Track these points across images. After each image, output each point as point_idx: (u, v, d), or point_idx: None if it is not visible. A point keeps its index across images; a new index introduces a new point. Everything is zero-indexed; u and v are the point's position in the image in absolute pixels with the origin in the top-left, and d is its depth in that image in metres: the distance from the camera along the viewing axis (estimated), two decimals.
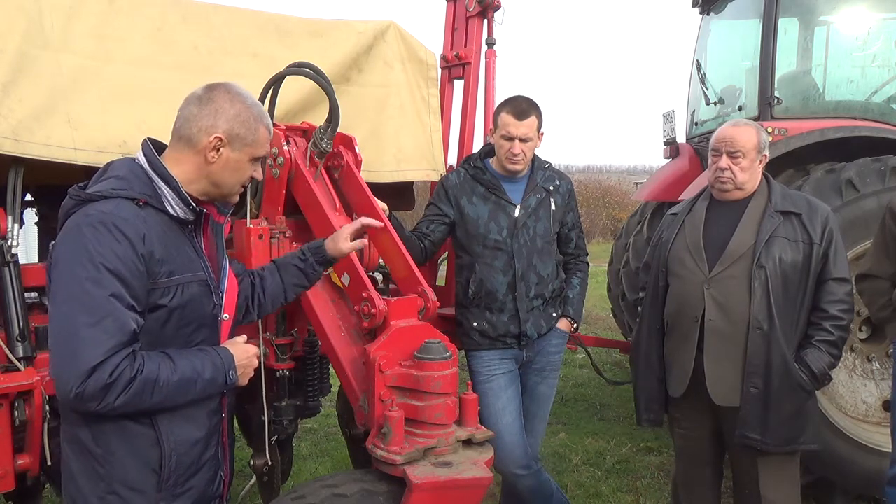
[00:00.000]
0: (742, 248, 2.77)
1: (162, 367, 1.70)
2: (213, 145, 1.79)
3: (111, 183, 1.74)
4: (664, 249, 2.97)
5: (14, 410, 2.25)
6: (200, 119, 1.80)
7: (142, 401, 1.67)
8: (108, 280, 1.62)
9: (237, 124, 1.81)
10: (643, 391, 3.03)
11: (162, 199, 1.77)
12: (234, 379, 1.87)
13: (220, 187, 1.86)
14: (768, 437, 2.70)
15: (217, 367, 1.82)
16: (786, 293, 2.72)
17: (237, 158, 1.84)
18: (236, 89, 1.86)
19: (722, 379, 2.77)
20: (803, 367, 2.70)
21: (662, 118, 5.77)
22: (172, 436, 1.78)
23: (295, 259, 2.25)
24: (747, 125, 2.88)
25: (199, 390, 1.79)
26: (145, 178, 1.77)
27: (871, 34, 4.58)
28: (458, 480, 2.10)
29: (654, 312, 2.99)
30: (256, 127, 1.85)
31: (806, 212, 2.78)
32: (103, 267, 1.62)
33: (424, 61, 3.49)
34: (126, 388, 1.63)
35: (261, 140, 1.87)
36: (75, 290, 1.62)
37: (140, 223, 1.69)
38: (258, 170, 1.93)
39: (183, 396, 1.76)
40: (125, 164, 1.80)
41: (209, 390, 1.82)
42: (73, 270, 1.63)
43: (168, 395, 1.72)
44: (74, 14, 2.49)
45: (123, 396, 1.63)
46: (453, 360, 2.24)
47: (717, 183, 2.87)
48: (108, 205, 1.68)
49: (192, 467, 1.84)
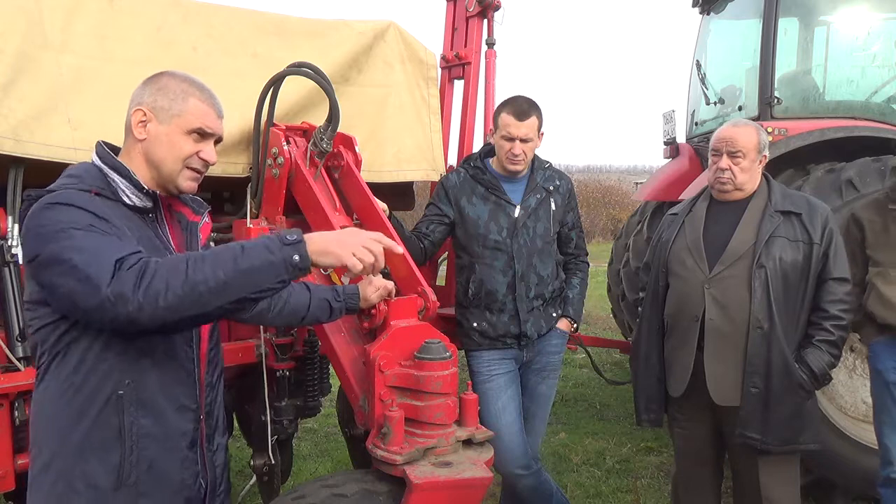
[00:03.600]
0: (742, 248, 2.77)
1: (193, 252, 1.60)
2: (138, 120, 1.75)
3: (62, 181, 1.70)
4: (664, 249, 2.98)
5: (14, 410, 2.25)
6: (132, 101, 1.78)
7: (177, 283, 1.50)
8: (80, 234, 1.54)
9: (160, 96, 1.75)
10: (643, 391, 3.03)
11: (116, 190, 1.72)
12: (296, 239, 1.62)
13: (159, 167, 1.76)
14: (768, 437, 2.70)
15: (267, 236, 1.65)
16: (786, 293, 2.72)
17: (167, 132, 1.74)
18: (176, 71, 1.81)
19: (722, 378, 2.77)
20: (803, 367, 2.70)
21: (662, 118, 5.77)
22: (136, 428, 1.68)
23: (328, 293, 2.12)
24: (747, 125, 2.88)
25: (251, 258, 1.56)
26: (97, 174, 1.72)
27: (871, 34, 4.58)
28: (458, 480, 2.10)
29: (654, 312, 2.99)
30: (185, 98, 1.76)
31: (806, 212, 2.78)
32: (71, 229, 1.54)
33: (424, 61, 3.49)
34: (155, 271, 1.49)
35: (192, 110, 1.76)
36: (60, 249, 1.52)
37: (93, 204, 1.62)
38: (205, 150, 1.79)
39: (225, 267, 1.54)
40: (79, 166, 1.76)
41: (264, 255, 1.58)
42: (45, 248, 1.54)
43: (209, 269, 1.52)
44: (74, 14, 2.49)
45: (156, 282, 1.48)
46: (453, 360, 2.24)
47: (716, 183, 2.87)
48: (55, 193, 1.64)
49: (159, 468, 1.72)
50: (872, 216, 3.17)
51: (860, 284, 3.10)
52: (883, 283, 3.09)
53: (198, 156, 1.79)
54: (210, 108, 1.80)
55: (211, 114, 1.80)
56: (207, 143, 1.81)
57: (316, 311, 2.04)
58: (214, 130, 1.81)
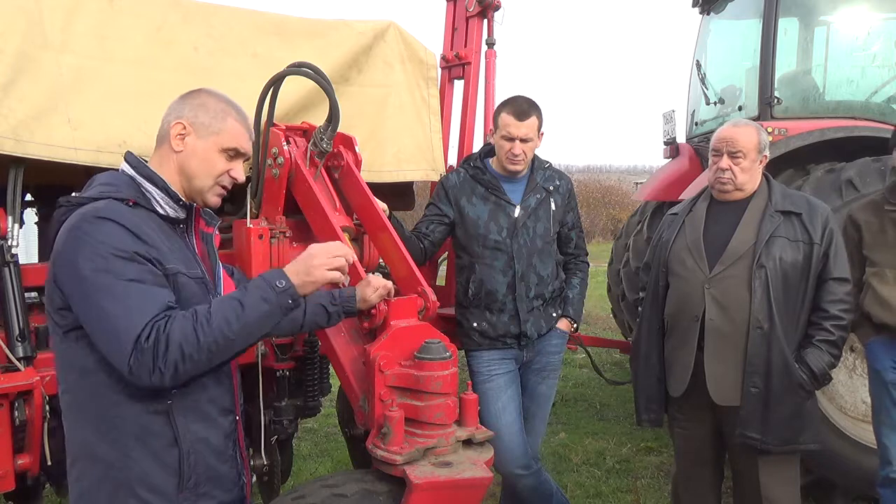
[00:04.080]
0: (742, 248, 2.77)
1: (198, 309, 1.68)
2: (177, 132, 1.81)
3: (99, 188, 1.76)
4: (664, 249, 2.97)
5: (14, 410, 2.25)
6: (170, 113, 1.84)
7: (191, 350, 1.63)
8: (120, 265, 1.63)
9: (201, 112, 1.82)
10: (643, 391, 3.03)
11: (151, 200, 1.79)
12: (286, 285, 1.77)
13: (191, 179, 1.84)
14: (769, 437, 2.70)
15: (258, 284, 1.77)
16: (786, 293, 2.72)
17: (204, 147, 1.82)
18: (213, 90, 1.88)
19: (722, 378, 2.77)
20: (803, 367, 2.70)
21: (662, 118, 5.77)
22: (189, 434, 1.76)
23: (324, 298, 2.14)
24: (748, 125, 2.88)
25: (251, 313, 1.71)
26: (132, 184, 1.79)
27: (871, 34, 4.58)
28: (458, 480, 2.10)
29: (654, 312, 2.99)
30: (224, 117, 1.84)
31: (806, 212, 2.78)
32: (111, 255, 1.63)
33: (424, 61, 3.49)
34: (167, 343, 1.60)
35: (229, 130, 1.84)
36: (93, 284, 1.62)
37: (134, 218, 1.70)
38: (235, 168, 1.88)
39: (230, 327, 1.68)
40: (110, 174, 1.83)
41: (262, 308, 1.73)
42: (83, 267, 1.63)
43: (216, 331, 1.65)
44: (74, 14, 2.48)
45: (172, 353, 1.60)
46: (453, 360, 2.24)
47: (717, 183, 2.87)
48: (100, 204, 1.70)
49: (212, 468, 1.82)
50: (869, 217, 3.18)
51: (857, 285, 3.09)
52: (879, 283, 3.10)
53: (228, 174, 1.88)
54: (245, 130, 1.89)
55: (245, 135, 1.90)
56: (238, 163, 1.89)
57: (313, 318, 2.07)
58: (246, 151, 1.91)
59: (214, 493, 1.83)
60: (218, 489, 1.84)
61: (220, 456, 1.85)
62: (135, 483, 1.72)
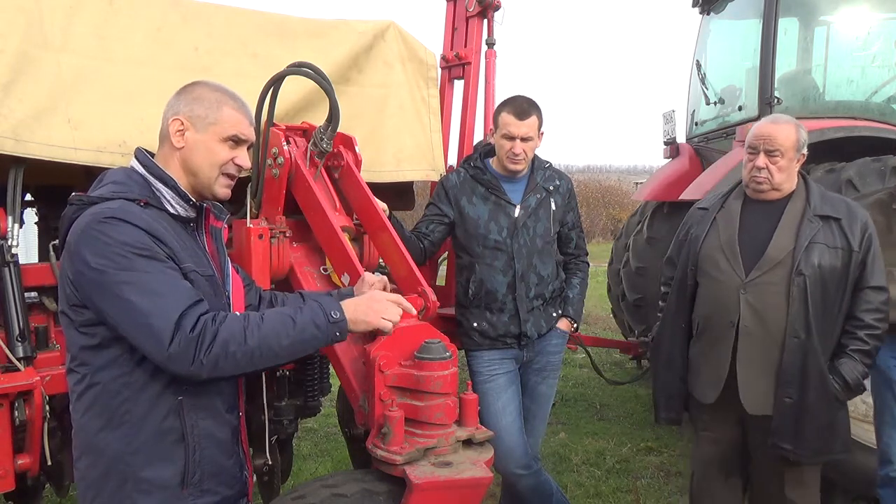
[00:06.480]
0: (781, 254, 2.67)
1: (250, 314, 1.73)
2: (176, 129, 1.82)
3: (110, 188, 1.76)
4: (694, 246, 2.86)
5: (14, 410, 2.25)
6: (168, 110, 1.85)
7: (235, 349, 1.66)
8: (142, 262, 1.64)
9: (197, 105, 1.83)
10: (663, 389, 2.96)
11: (161, 199, 1.80)
12: (339, 317, 1.85)
13: (196, 174, 1.85)
14: (801, 449, 2.62)
15: (314, 308, 1.82)
16: (824, 302, 2.63)
17: (204, 140, 1.83)
18: (209, 81, 1.89)
19: (755, 387, 2.69)
20: (837, 378, 2.62)
21: (662, 118, 5.77)
22: (197, 429, 1.78)
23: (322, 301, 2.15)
24: (788, 122, 2.75)
25: (300, 333, 1.77)
26: (142, 182, 1.80)
27: (871, 34, 4.59)
28: (458, 480, 2.10)
29: (681, 311, 2.90)
30: (219, 107, 1.84)
31: (845, 217, 2.68)
32: (131, 254, 1.64)
33: (424, 61, 3.49)
34: (215, 337, 1.63)
35: (226, 119, 1.84)
36: (117, 282, 1.62)
37: (147, 218, 1.71)
38: (240, 155, 1.88)
39: (278, 340, 1.73)
40: (121, 171, 1.83)
41: (311, 331, 1.80)
42: (104, 266, 1.63)
43: (264, 339, 1.70)
44: (74, 14, 2.48)
45: (216, 348, 1.63)
46: (453, 360, 2.24)
47: (752, 182, 2.76)
48: (113, 204, 1.71)
49: (217, 464, 1.84)
50: (876, 216, 3.13)
51: None
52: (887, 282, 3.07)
53: (233, 162, 1.88)
54: (243, 116, 1.89)
55: (244, 121, 1.89)
56: (241, 150, 1.90)
57: None
58: (248, 137, 1.91)
59: (218, 488, 1.85)
60: (221, 485, 1.86)
61: (225, 452, 1.87)
62: (141, 477, 1.72)
